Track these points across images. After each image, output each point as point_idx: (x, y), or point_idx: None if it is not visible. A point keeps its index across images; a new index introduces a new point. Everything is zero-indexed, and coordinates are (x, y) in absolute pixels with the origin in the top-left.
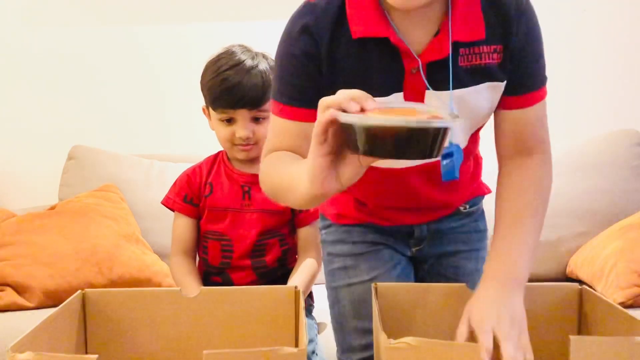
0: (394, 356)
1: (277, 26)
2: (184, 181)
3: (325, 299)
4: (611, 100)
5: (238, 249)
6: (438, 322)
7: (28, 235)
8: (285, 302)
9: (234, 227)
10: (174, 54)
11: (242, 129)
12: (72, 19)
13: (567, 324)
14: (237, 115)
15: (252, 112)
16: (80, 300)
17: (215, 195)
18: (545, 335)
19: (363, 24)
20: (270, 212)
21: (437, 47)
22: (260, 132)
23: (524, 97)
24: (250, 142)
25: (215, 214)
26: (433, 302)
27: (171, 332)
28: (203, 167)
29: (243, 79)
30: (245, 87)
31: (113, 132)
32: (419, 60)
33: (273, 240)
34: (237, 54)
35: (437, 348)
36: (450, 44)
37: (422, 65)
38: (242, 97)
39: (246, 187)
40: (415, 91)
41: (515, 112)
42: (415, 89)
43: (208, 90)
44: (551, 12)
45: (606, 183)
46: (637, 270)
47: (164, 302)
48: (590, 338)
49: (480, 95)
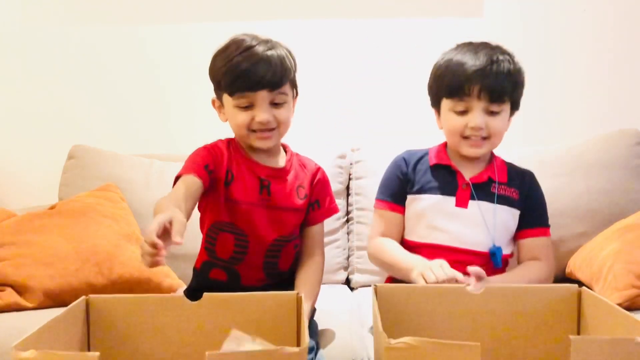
0: (394, 356)
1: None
2: (205, 152)
3: (326, 299)
4: (611, 100)
5: (254, 247)
6: (438, 322)
7: (28, 235)
8: (288, 308)
9: (252, 223)
10: (175, 54)
11: (263, 112)
12: (72, 19)
13: (567, 324)
14: (256, 98)
15: (271, 95)
16: (84, 306)
17: (236, 185)
18: (545, 335)
19: (437, 159)
20: (288, 209)
21: (480, 177)
22: (280, 117)
23: (535, 230)
24: (270, 127)
25: (232, 205)
26: (433, 302)
27: (174, 337)
28: (223, 148)
29: (261, 60)
30: (264, 67)
31: (113, 132)
32: (469, 181)
33: (289, 244)
34: (247, 40)
35: (437, 348)
36: (488, 177)
37: (471, 184)
38: (262, 78)
39: (266, 181)
40: (462, 199)
41: (529, 240)
42: (463, 197)
43: (224, 76)
44: (551, 12)
45: (606, 183)
46: (634, 271)
47: (167, 308)
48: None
49: (506, 213)
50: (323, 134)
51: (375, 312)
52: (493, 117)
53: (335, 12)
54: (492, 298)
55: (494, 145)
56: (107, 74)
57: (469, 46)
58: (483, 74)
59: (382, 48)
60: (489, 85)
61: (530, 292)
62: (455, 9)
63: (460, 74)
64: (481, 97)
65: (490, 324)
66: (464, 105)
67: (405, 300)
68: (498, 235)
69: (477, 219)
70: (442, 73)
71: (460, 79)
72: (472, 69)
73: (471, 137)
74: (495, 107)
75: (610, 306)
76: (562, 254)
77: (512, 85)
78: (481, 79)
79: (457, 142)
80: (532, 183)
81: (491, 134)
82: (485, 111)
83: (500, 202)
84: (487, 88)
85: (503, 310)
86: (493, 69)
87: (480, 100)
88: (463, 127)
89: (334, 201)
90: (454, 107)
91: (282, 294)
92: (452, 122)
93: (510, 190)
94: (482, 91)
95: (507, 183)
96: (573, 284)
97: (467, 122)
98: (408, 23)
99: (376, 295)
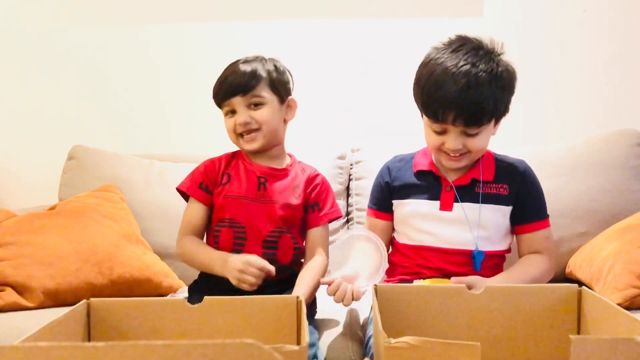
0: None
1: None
2: (201, 169)
3: (327, 300)
4: (611, 100)
5: (251, 238)
6: (438, 322)
7: (28, 235)
8: (288, 311)
9: (248, 216)
10: (174, 54)
11: (240, 115)
12: (72, 18)
13: (567, 324)
14: (234, 103)
15: (245, 99)
16: (85, 309)
17: (233, 183)
18: (545, 335)
19: (421, 165)
20: (284, 205)
21: (463, 179)
22: (258, 117)
23: (532, 224)
24: (251, 128)
25: (231, 201)
26: (433, 302)
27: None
28: (222, 159)
29: (234, 71)
30: (236, 76)
31: (113, 132)
32: (452, 184)
33: (285, 235)
34: (239, 59)
35: (437, 348)
36: (471, 178)
37: (455, 187)
38: (232, 85)
39: (262, 179)
40: (446, 202)
41: (527, 235)
42: (447, 200)
43: (215, 90)
44: (551, 13)
45: (606, 183)
46: (634, 271)
47: (168, 311)
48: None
49: (491, 211)
50: (323, 134)
51: (375, 312)
52: (472, 138)
53: (335, 12)
54: (492, 298)
55: (475, 158)
56: (107, 74)
57: (454, 53)
58: (458, 101)
59: (382, 48)
60: (465, 113)
61: (530, 292)
62: (455, 9)
63: (436, 98)
64: (456, 123)
65: (490, 324)
66: (440, 127)
67: (405, 300)
68: (486, 234)
69: (462, 220)
70: (420, 89)
71: (435, 104)
72: (447, 96)
73: (449, 153)
74: (474, 130)
75: (610, 306)
76: (562, 254)
77: (492, 104)
78: (456, 107)
79: (436, 154)
80: (525, 175)
81: (471, 151)
82: (462, 134)
83: (485, 201)
84: (462, 116)
85: (503, 310)
86: (470, 94)
87: (456, 125)
88: (440, 144)
89: (337, 206)
90: (431, 125)
91: (282, 297)
92: (429, 138)
93: (497, 187)
94: (457, 118)
95: (493, 181)
96: (573, 284)
97: (443, 142)
98: (408, 23)
99: (376, 295)
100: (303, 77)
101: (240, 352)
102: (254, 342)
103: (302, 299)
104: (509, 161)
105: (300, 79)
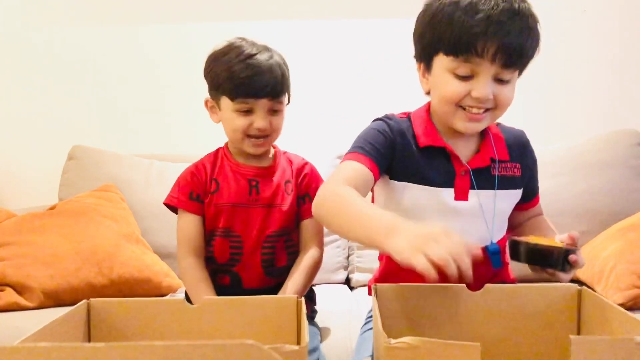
0: (394, 356)
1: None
2: (187, 178)
3: (327, 300)
4: (611, 100)
5: (248, 245)
6: (438, 322)
7: (28, 235)
8: (288, 311)
9: (242, 223)
10: (174, 54)
11: (261, 119)
12: (72, 18)
13: (567, 324)
14: (257, 105)
15: (271, 103)
16: (84, 309)
17: (222, 191)
18: (545, 335)
19: (427, 138)
20: (277, 205)
21: (480, 159)
22: (275, 124)
23: (533, 201)
24: (266, 134)
25: (222, 210)
26: (433, 302)
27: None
28: (206, 163)
29: (264, 69)
30: (268, 76)
31: (113, 132)
32: (468, 166)
33: (282, 238)
34: (246, 47)
35: (437, 348)
36: (489, 158)
37: (471, 170)
38: (265, 87)
39: (253, 181)
40: (462, 189)
41: (528, 211)
42: (463, 187)
43: (225, 81)
44: (551, 13)
45: (606, 183)
46: (636, 271)
47: (168, 311)
48: (590, 338)
49: (506, 197)
50: (322, 134)
51: (375, 312)
52: (503, 86)
53: (334, 12)
54: (492, 298)
55: (496, 118)
56: (107, 74)
57: None
58: (503, 27)
59: (382, 48)
60: (510, 46)
61: (530, 291)
62: None
63: (472, 25)
64: (496, 59)
65: (490, 324)
66: (469, 68)
67: (405, 300)
68: (499, 224)
69: (477, 212)
70: (442, 20)
71: (471, 32)
72: (492, 20)
73: (471, 108)
74: (508, 74)
75: (610, 306)
76: None
77: (536, 40)
78: (502, 34)
79: (449, 113)
80: (528, 147)
81: (498, 106)
82: (493, 80)
83: (501, 186)
84: (506, 49)
85: (503, 310)
86: (516, 22)
87: (493, 64)
88: (463, 95)
89: None
90: (454, 69)
91: (282, 297)
92: (449, 87)
93: (512, 167)
94: (499, 52)
95: (509, 160)
96: (573, 284)
97: (469, 90)
98: (408, 23)
99: (376, 295)
100: (303, 77)
101: (240, 352)
102: (254, 342)
103: (293, 293)
104: (513, 133)
105: (300, 79)
